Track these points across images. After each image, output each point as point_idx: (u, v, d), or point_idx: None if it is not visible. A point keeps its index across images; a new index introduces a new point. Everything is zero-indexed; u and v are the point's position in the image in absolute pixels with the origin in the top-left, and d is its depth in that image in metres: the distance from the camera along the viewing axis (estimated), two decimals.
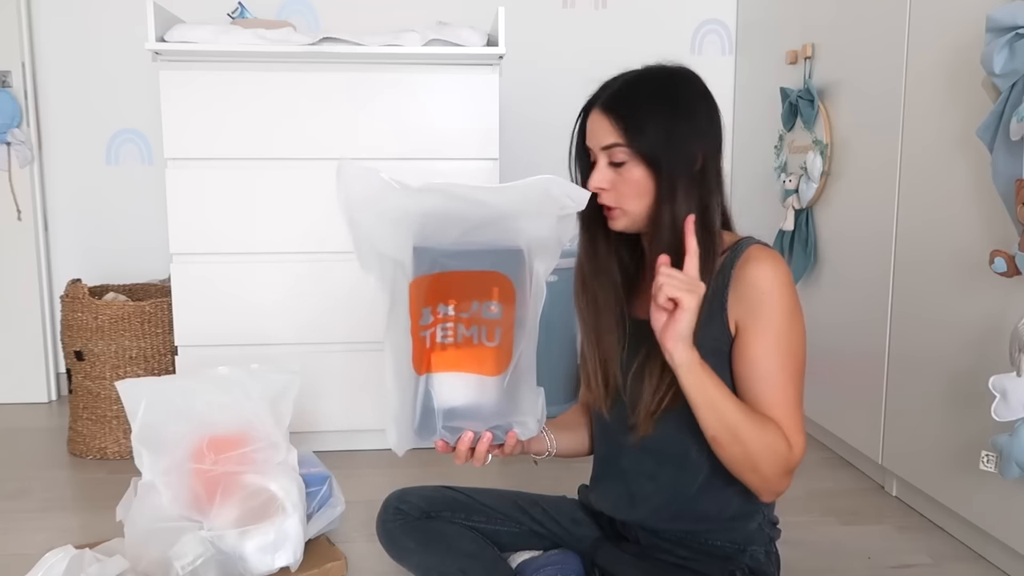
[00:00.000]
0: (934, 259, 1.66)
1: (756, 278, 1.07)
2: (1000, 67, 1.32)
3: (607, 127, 1.09)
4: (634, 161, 1.08)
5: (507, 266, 0.96)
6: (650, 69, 1.12)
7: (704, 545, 1.16)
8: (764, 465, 1.05)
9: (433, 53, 1.99)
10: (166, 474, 1.42)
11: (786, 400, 1.08)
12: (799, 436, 1.09)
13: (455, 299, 0.95)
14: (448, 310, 0.95)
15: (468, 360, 0.96)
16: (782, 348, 1.07)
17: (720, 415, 1.02)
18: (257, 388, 1.48)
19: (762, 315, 1.06)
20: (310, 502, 1.51)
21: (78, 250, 2.68)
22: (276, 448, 1.47)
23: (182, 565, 1.30)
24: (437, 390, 0.96)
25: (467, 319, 0.95)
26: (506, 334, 0.96)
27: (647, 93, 1.10)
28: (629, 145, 1.07)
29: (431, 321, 0.95)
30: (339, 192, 0.93)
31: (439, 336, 0.95)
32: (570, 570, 1.26)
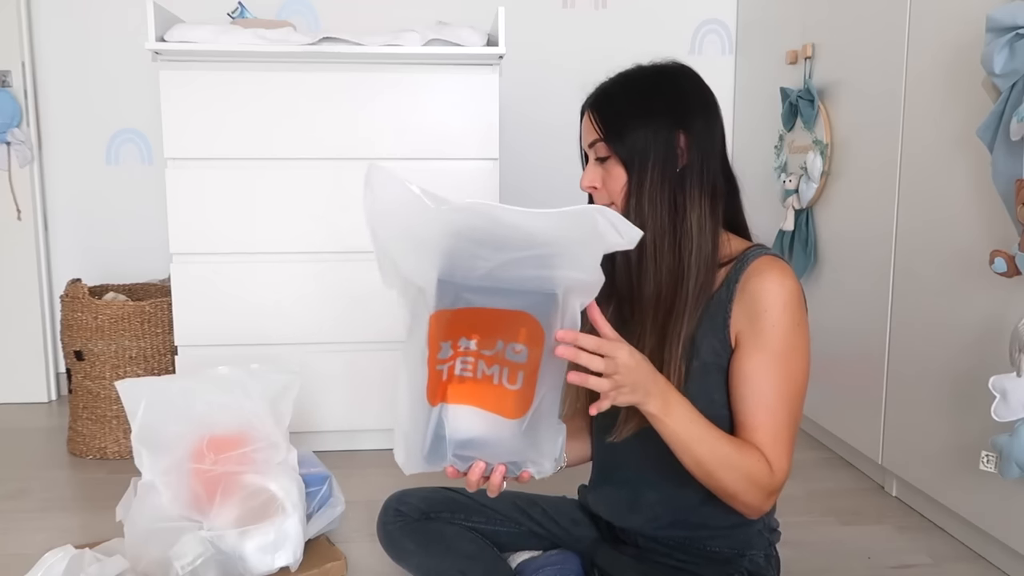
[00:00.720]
0: (934, 259, 1.66)
1: (760, 292, 1.03)
2: (1000, 67, 1.32)
3: (589, 124, 1.10)
4: (613, 157, 1.08)
5: (538, 309, 0.87)
6: (640, 68, 1.12)
7: (703, 551, 1.15)
8: (742, 495, 1.01)
9: (433, 53, 1.99)
10: (166, 474, 1.42)
11: (775, 423, 1.03)
12: (783, 461, 1.03)
13: (479, 335, 0.88)
14: (470, 344, 0.88)
15: (487, 397, 0.89)
16: (779, 369, 1.03)
17: (695, 456, 0.99)
18: (257, 388, 1.48)
19: (762, 331, 1.03)
20: (310, 502, 1.51)
21: (78, 250, 2.68)
22: (276, 448, 1.47)
23: (182, 565, 1.29)
24: (451, 421, 0.90)
25: (489, 357, 0.88)
26: (529, 378, 0.89)
27: (628, 90, 1.10)
28: (605, 140, 1.08)
29: (450, 355, 0.89)
30: (365, 199, 0.89)
31: (458, 369, 0.89)
32: (569, 570, 1.26)
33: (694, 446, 0.98)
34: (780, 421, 1.03)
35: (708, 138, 1.09)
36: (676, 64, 1.11)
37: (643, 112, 1.07)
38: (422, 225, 0.86)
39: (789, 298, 1.04)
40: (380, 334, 2.09)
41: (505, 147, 2.42)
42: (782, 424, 1.03)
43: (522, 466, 0.93)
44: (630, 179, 1.07)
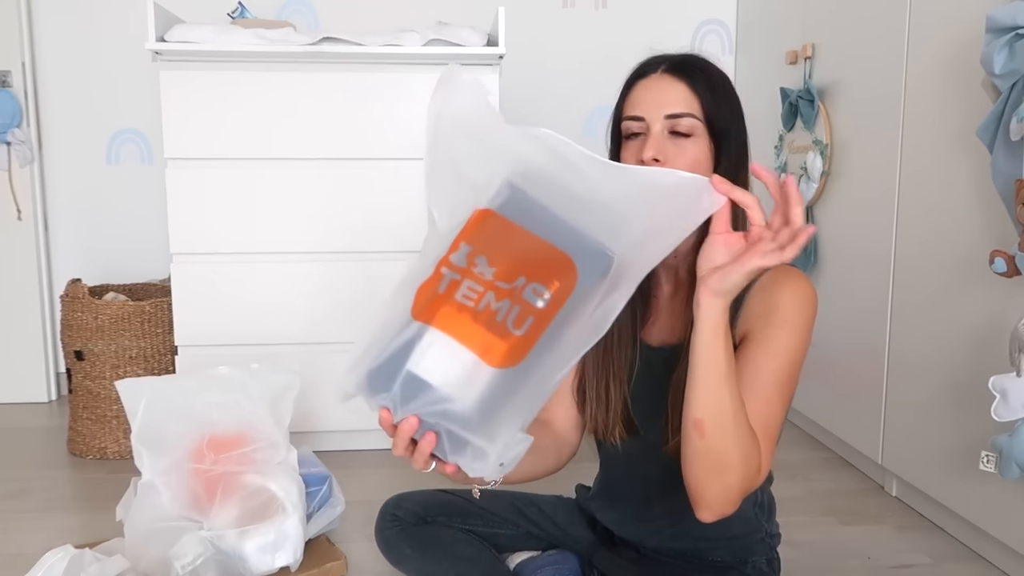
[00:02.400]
0: (934, 259, 1.66)
1: (778, 292, 0.99)
2: (1000, 67, 1.32)
3: (681, 93, 0.98)
4: (701, 135, 0.98)
5: (585, 261, 0.76)
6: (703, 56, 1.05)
7: (704, 561, 1.15)
8: (735, 473, 0.89)
9: (433, 53, 1.99)
10: (166, 474, 1.42)
11: (769, 416, 0.95)
12: (768, 461, 0.95)
13: (502, 264, 0.76)
14: (487, 272, 0.76)
15: (477, 335, 0.75)
16: (784, 365, 0.97)
17: (719, 398, 0.87)
18: (257, 388, 1.48)
19: (774, 326, 0.98)
20: (310, 502, 1.51)
21: (78, 250, 2.68)
22: (276, 448, 1.47)
23: (182, 565, 1.30)
24: (422, 349, 0.76)
25: (504, 290, 0.76)
26: (534, 329, 0.76)
27: (716, 71, 1.02)
28: (704, 116, 0.98)
29: (463, 267, 0.77)
30: (435, 97, 0.80)
31: (460, 293, 0.76)
32: (568, 570, 1.26)
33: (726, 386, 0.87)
34: (774, 416, 0.96)
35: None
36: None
37: (732, 97, 1.02)
38: (495, 137, 0.79)
39: (805, 302, 0.99)
40: None
41: None
42: (775, 420, 0.97)
43: (459, 448, 0.77)
44: (722, 162, 1.00)
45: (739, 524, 1.13)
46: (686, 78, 0.99)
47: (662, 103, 0.99)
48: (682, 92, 0.99)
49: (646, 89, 1.01)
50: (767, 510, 1.16)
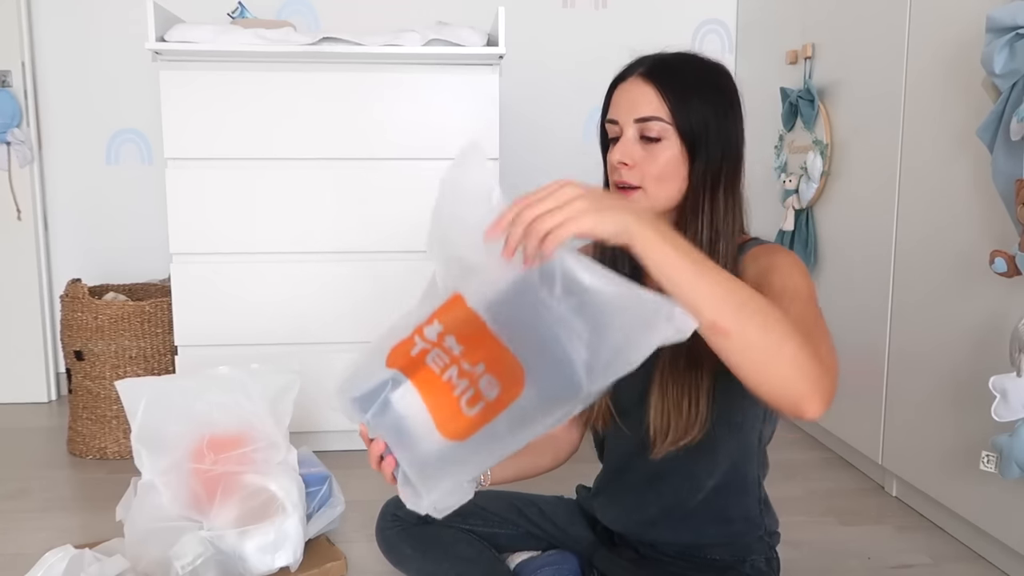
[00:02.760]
0: (934, 259, 1.66)
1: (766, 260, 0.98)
2: (1000, 67, 1.32)
3: (649, 97, 0.98)
4: (672, 139, 0.98)
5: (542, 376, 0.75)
6: (694, 53, 1.04)
7: (703, 559, 1.15)
8: (789, 343, 0.75)
9: (433, 53, 1.99)
10: (166, 474, 1.42)
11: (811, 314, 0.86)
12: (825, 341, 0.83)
13: (468, 346, 0.79)
14: (455, 348, 0.80)
15: (439, 401, 0.81)
16: (807, 301, 0.90)
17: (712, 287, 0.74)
18: (257, 388, 1.48)
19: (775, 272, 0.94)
20: (310, 502, 1.51)
21: (78, 250, 2.68)
22: (276, 448, 1.47)
23: (182, 565, 1.29)
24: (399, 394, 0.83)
25: (465, 371, 0.79)
26: (483, 415, 0.78)
27: (695, 71, 1.01)
28: (673, 119, 0.97)
29: (434, 339, 0.82)
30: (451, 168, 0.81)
31: (430, 357, 0.82)
32: (567, 570, 1.26)
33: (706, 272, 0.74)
34: (819, 322, 0.86)
35: (743, 140, 1.05)
36: (724, 65, 1.06)
37: (711, 99, 0.99)
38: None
39: (793, 262, 0.97)
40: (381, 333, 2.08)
41: (505, 147, 2.42)
42: (822, 323, 0.87)
43: (404, 481, 0.87)
44: (694, 169, 0.98)
45: (739, 521, 1.13)
46: (656, 81, 0.99)
47: (632, 107, 1.00)
48: (650, 96, 0.99)
49: (621, 92, 1.02)
50: (767, 506, 1.17)
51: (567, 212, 0.70)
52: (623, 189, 1.01)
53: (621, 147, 0.99)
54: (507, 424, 0.78)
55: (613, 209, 0.72)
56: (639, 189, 1.00)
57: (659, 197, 1.01)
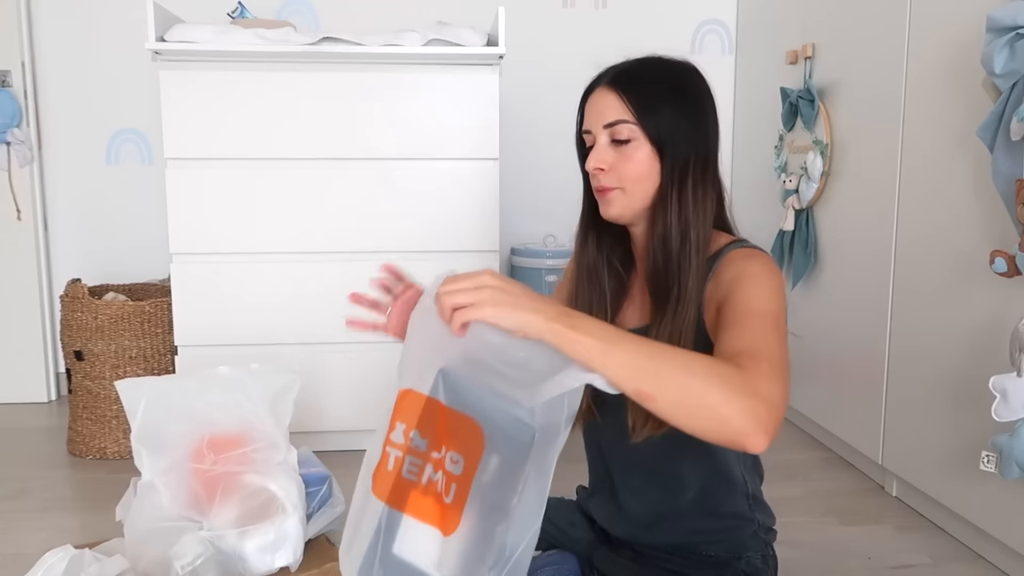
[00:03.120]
0: (934, 259, 1.66)
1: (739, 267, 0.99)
2: (1000, 67, 1.33)
3: (613, 102, 1.03)
4: (640, 139, 1.02)
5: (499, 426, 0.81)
6: (659, 56, 1.08)
7: (699, 555, 1.15)
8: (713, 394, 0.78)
9: (433, 53, 1.99)
10: (166, 474, 1.41)
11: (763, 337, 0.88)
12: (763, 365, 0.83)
13: (432, 436, 0.83)
14: (421, 444, 0.84)
15: (429, 508, 0.83)
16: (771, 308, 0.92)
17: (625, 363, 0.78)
18: (257, 388, 1.48)
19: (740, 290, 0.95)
20: (310, 502, 1.51)
21: (78, 250, 2.68)
22: (276, 448, 1.47)
23: (182, 565, 1.29)
24: (401, 537, 0.84)
25: (436, 460, 0.82)
26: (460, 493, 0.82)
27: (657, 74, 1.05)
28: (638, 122, 1.01)
29: (401, 443, 0.85)
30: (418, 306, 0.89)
31: (405, 468, 0.84)
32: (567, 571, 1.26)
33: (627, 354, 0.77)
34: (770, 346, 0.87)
35: (717, 137, 1.08)
36: (691, 63, 1.09)
37: (675, 97, 1.03)
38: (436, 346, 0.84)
39: (772, 275, 0.97)
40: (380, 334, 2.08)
41: (505, 147, 2.42)
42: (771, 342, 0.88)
43: None
44: (666, 167, 1.02)
45: (730, 517, 1.13)
46: (618, 87, 1.03)
47: (600, 114, 1.05)
48: (614, 101, 1.03)
49: (590, 103, 1.07)
50: (759, 503, 1.17)
51: (474, 298, 0.78)
52: (603, 191, 1.06)
53: (595, 153, 1.05)
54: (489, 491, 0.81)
55: (515, 308, 0.78)
56: (618, 190, 1.05)
57: (636, 195, 1.05)
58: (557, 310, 0.78)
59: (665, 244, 1.03)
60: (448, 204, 2.07)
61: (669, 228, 1.03)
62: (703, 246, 1.03)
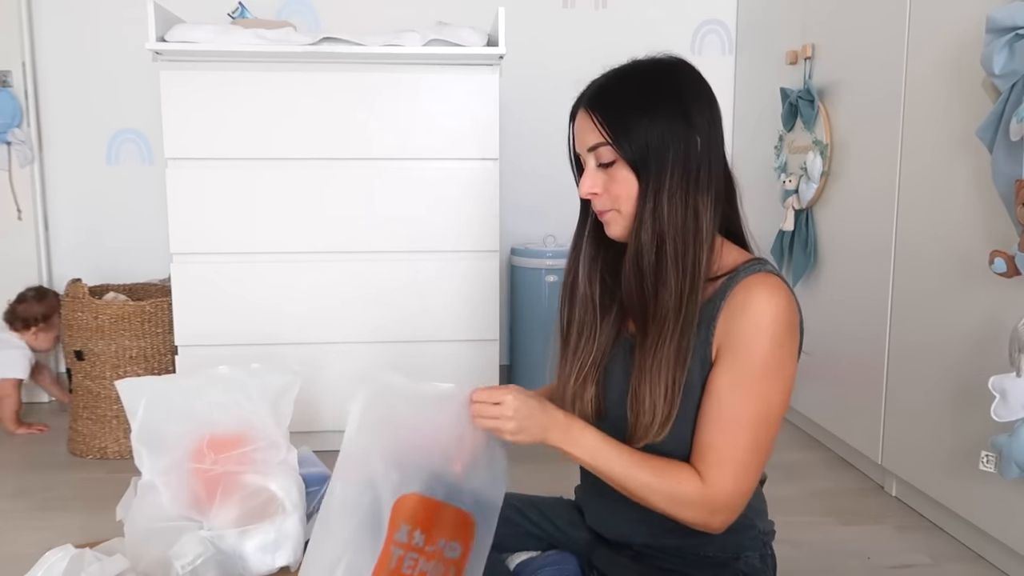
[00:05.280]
0: (934, 259, 1.66)
1: (746, 307, 0.97)
2: (1000, 68, 1.33)
3: (589, 126, 1.03)
4: (620, 161, 1.01)
5: (477, 511, 0.99)
6: (637, 63, 1.05)
7: (697, 556, 1.15)
8: (674, 515, 1.00)
9: (433, 53, 1.99)
10: (166, 474, 1.41)
11: (730, 446, 0.97)
12: (726, 481, 0.97)
13: (428, 531, 0.96)
14: (419, 540, 0.96)
15: None
16: (751, 389, 0.96)
17: (610, 481, 1.00)
18: (257, 388, 1.47)
19: (741, 348, 0.96)
20: (310, 502, 1.51)
21: (78, 250, 2.68)
22: (276, 448, 1.47)
23: (182, 565, 1.29)
24: None
25: (430, 552, 0.96)
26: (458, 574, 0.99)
27: (630, 87, 1.03)
28: (612, 144, 1.00)
29: (405, 541, 0.96)
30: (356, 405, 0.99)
31: (406, 566, 0.96)
32: (567, 571, 1.25)
33: (606, 472, 0.99)
34: (738, 445, 0.96)
35: (713, 135, 1.03)
36: (672, 57, 1.05)
37: (649, 108, 1.00)
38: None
39: (776, 317, 0.97)
40: (380, 333, 2.09)
41: (505, 147, 2.42)
42: (740, 448, 0.97)
43: None
44: (643, 183, 1.00)
45: None
46: (591, 109, 1.03)
47: (582, 139, 1.05)
48: (590, 124, 1.03)
49: (575, 125, 1.08)
50: (756, 508, 1.16)
51: (498, 425, 0.97)
52: (601, 214, 1.06)
53: (585, 179, 1.05)
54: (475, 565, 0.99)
55: (528, 432, 0.98)
56: (613, 211, 1.04)
57: (630, 214, 1.04)
58: (560, 433, 0.99)
59: (637, 262, 1.01)
60: (448, 204, 2.07)
61: (641, 245, 1.00)
62: (689, 260, 1.00)
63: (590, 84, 1.07)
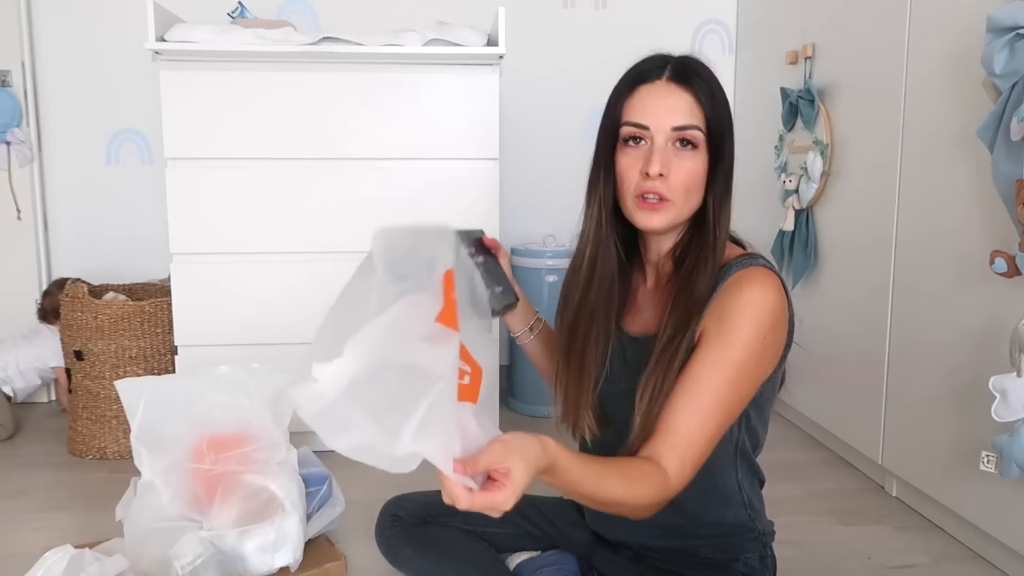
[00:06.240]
0: (934, 259, 1.66)
1: (735, 296, 0.97)
2: (1000, 67, 1.32)
3: (687, 103, 0.96)
4: (703, 148, 0.97)
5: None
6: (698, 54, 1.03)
7: (697, 557, 1.15)
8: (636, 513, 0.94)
9: (433, 53, 1.99)
10: (166, 474, 1.42)
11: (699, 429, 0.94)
12: (687, 470, 0.94)
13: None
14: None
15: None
16: (727, 374, 0.95)
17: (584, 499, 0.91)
18: (257, 388, 1.48)
19: (723, 333, 0.96)
20: (310, 502, 1.51)
21: (78, 250, 2.68)
22: (276, 448, 1.47)
23: (182, 565, 1.29)
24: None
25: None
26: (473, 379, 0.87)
27: (711, 75, 1.00)
28: (708, 127, 0.96)
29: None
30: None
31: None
32: (567, 571, 1.26)
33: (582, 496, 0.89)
34: (706, 430, 0.94)
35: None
36: None
37: (725, 105, 0.99)
38: None
39: (764, 309, 0.96)
40: None
41: (505, 147, 2.42)
42: (706, 433, 0.95)
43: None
44: (712, 177, 0.99)
45: (729, 525, 1.13)
46: (691, 87, 0.97)
47: (670, 113, 0.97)
48: (688, 102, 0.97)
49: (652, 96, 0.99)
50: (757, 511, 1.16)
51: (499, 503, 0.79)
52: (658, 202, 0.99)
53: (659, 157, 0.97)
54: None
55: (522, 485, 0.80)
56: (669, 201, 0.99)
57: (685, 209, 1.01)
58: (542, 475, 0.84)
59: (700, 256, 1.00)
60: (448, 204, 2.06)
61: (709, 241, 1.00)
62: (718, 259, 1.01)
63: (665, 56, 1.01)
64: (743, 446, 1.11)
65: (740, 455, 1.11)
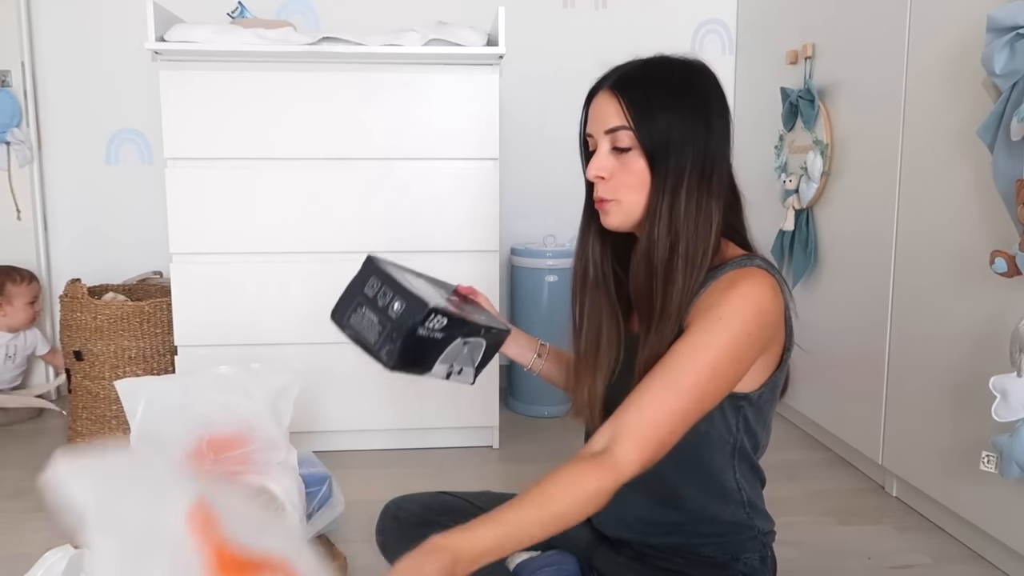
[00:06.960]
0: (934, 259, 1.66)
1: (725, 290, 0.97)
2: (1001, 67, 1.32)
3: (614, 108, 1.01)
4: (638, 149, 1.00)
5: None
6: (667, 57, 1.05)
7: (697, 556, 1.15)
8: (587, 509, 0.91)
9: (433, 53, 1.99)
10: None
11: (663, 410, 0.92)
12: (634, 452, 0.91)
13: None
14: None
15: None
16: (709, 359, 0.94)
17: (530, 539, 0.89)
18: (257, 388, 1.48)
19: (708, 321, 0.95)
20: (310, 502, 1.51)
21: (78, 250, 2.68)
22: (276, 448, 1.47)
23: None
24: None
25: None
26: None
27: (660, 78, 1.02)
28: (635, 129, 1.00)
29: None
30: None
31: None
32: (567, 571, 1.25)
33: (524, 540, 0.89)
34: (671, 417, 0.92)
35: (726, 144, 1.05)
36: (700, 62, 1.06)
37: (676, 103, 1.00)
38: None
39: (750, 303, 0.96)
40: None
41: (505, 147, 2.42)
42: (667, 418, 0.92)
43: None
44: (657, 177, 1.00)
45: (728, 524, 1.13)
46: (620, 92, 1.01)
47: (602, 119, 1.03)
48: (615, 107, 1.01)
49: (595, 105, 1.05)
50: (757, 510, 1.16)
51: None
52: (600, 203, 1.05)
53: (596, 161, 1.03)
54: None
55: None
56: (613, 201, 1.04)
57: (632, 206, 1.03)
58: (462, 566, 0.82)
59: (649, 257, 1.01)
60: (448, 204, 2.07)
61: (655, 241, 1.01)
62: (697, 259, 1.01)
63: (615, 68, 1.05)
64: (742, 447, 1.11)
65: (739, 455, 1.11)
